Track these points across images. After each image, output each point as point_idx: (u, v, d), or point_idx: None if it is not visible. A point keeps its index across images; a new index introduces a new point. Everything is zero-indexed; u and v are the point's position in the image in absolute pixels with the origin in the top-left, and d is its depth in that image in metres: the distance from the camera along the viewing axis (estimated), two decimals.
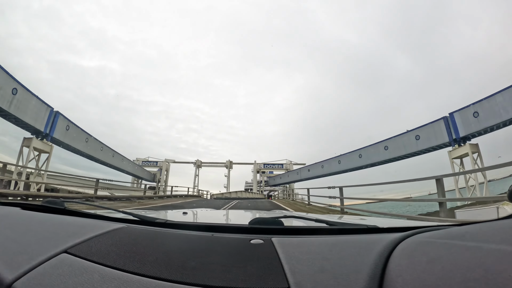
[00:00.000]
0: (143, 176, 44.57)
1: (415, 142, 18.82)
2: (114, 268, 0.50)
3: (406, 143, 19.53)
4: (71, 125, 18.85)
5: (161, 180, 45.77)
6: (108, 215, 0.95)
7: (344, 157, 27.75)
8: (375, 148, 22.49)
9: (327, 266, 0.47)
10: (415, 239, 0.53)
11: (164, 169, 47.01)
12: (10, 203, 1.05)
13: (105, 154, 28.73)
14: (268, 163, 45.55)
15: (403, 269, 0.42)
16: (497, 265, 0.33)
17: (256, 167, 45.17)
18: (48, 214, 0.90)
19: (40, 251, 0.56)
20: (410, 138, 19.19)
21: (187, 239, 0.66)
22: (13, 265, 0.50)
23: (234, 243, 0.62)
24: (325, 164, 31.46)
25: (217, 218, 1.41)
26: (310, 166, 34.86)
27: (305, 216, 1.06)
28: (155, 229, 0.76)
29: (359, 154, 24.71)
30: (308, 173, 34.99)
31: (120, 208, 1.25)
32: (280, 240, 0.60)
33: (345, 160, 27.53)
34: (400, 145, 19.96)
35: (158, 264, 0.51)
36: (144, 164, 48.08)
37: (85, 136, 21.77)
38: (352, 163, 26.00)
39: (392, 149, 20.64)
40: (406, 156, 20.17)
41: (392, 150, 20.65)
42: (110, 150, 29.56)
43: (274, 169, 45.39)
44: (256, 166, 45.28)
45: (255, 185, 44.57)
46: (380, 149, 21.81)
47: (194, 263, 0.51)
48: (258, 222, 0.77)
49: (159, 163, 48.11)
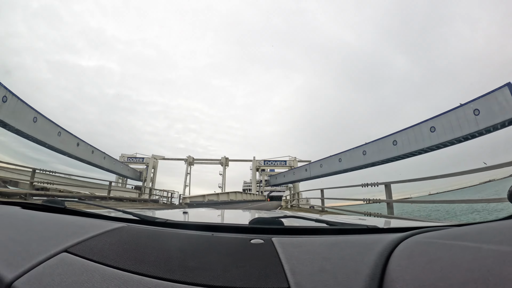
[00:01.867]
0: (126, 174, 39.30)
1: (474, 119, 14.01)
2: (115, 267, 0.50)
3: (461, 120, 14.68)
4: (39, 117, 17.60)
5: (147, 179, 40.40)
6: (108, 215, 0.94)
7: (373, 145, 21.52)
8: (419, 129, 16.98)
9: (327, 266, 0.47)
10: (415, 240, 0.53)
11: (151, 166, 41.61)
12: (11, 202, 1.04)
13: (82, 150, 25.86)
14: (269, 159, 40.50)
15: (403, 269, 0.42)
16: (497, 265, 0.33)
17: (255, 164, 40.00)
18: (48, 214, 0.90)
19: (40, 250, 0.56)
20: (467, 113, 14.42)
21: (187, 238, 0.66)
22: (13, 264, 0.50)
23: (234, 242, 0.62)
24: (345, 156, 25.50)
25: (217, 218, 1.42)
26: (323, 161, 29.44)
27: (305, 216, 1.06)
28: (155, 228, 0.76)
29: (393, 140, 19.03)
30: (321, 169, 29.41)
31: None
32: (280, 240, 0.61)
33: (374, 149, 21.18)
34: (455, 124, 14.98)
35: (158, 263, 0.51)
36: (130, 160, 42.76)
37: (57, 129, 20.44)
38: (386, 152, 19.75)
39: (442, 131, 15.67)
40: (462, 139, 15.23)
41: (441, 132, 15.71)
42: (89, 146, 26.61)
43: (276, 167, 40.26)
44: (255, 163, 40.11)
45: (254, 185, 39.35)
46: (424, 130, 16.68)
47: (194, 263, 0.51)
48: (258, 222, 0.77)
49: (146, 160, 42.72)
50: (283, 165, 39.80)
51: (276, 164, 40.13)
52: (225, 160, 40.94)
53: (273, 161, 40.26)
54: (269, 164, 40.14)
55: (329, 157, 28.00)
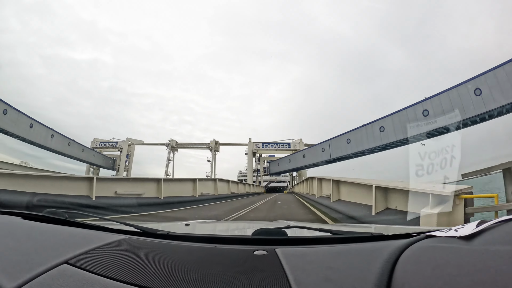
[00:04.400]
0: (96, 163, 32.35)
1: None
2: (116, 280, 0.49)
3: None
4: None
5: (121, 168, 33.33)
6: (110, 227, 0.93)
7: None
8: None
9: (332, 275, 0.47)
10: (421, 245, 0.52)
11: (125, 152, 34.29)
12: (11, 213, 1.01)
13: (37, 133, 21.84)
14: (268, 142, 32.69)
15: (409, 276, 0.42)
16: (504, 266, 0.32)
17: (252, 148, 32.32)
18: (49, 225, 0.89)
19: (41, 261, 0.55)
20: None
21: (189, 251, 0.66)
22: (13, 274, 0.50)
23: (237, 254, 0.62)
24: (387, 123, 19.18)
25: (219, 229, 1.44)
26: (350, 134, 22.19)
27: (308, 225, 1.03)
28: (156, 240, 0.76)
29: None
30: (348, 146, 22.11)
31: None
32: (284, 251, 0.60)
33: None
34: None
35: (159, 276, 0.51)
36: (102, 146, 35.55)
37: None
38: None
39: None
40: None
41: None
42: (48, 130, 22.76)
43: (277, 151, 32.57)
44: (251, 146, 32.40)
45: (250, 173, 31.91)
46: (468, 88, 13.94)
47: (196, 275, 0.50)
48: (261, 233, 0.75)
49: (120, 145, 35.34)
50: (286, 149, 31.98)
51: (278, 147, 32.34)
52: (214, 144, 33.26)
53: (274, 143, 32.45)
54: (269, 147, 32.36)
55: (356, 129, 21.32)
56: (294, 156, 29.14)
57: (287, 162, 29.80)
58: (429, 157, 2.21)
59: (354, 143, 21.55)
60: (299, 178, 31.54)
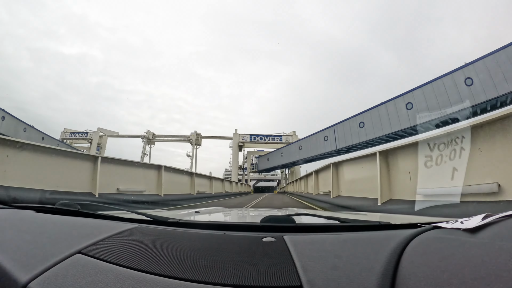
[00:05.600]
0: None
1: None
2: (128, 267, 0.50)
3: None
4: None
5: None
6: (121, 216, 0.95)
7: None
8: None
9: (339, 263, 0.48)
10: (428, 236, 0.53)
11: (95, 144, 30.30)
12: (25, 207, 1.03)
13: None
14: (257, 134, 28.26)
15: (415, 266, 0.42)
16: (510, 262, 0.33)
17: (237, 140, 27.91)
18: (61, 216, 0.91)
19: (54, 252, 0.57)
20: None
21: (199, 238, 0.67)
22: (28, 266, 0.52)
23: (246, 241, 0.63)
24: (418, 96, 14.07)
25: (229, 217, 1.40)
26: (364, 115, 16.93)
27: (316, 213, 1.07)
28: (167, 228, 0.77)
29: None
30: (361, 131, 16.92)
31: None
32: (292, 238, 0.61)
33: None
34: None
35: (171, 263, 0.52)
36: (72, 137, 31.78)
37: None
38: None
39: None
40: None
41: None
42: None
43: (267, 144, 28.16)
44: (237, 138, 28.01)
45: (235, 169, 27.40)
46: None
47: (207, 262, 0.52)
48: (270, 220, 0.77)
49: (90, 135, 31.48)
50: (278, 142, 27.54)
51: (268, 140, 27.90)
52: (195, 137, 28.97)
53: (263, 136, 27.99)
54: (257, 140, 27.90)
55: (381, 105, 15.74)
56: (287, 149, 24.28)
57: (279, 156, 25.02)
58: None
59: (371, 127, 16.10)
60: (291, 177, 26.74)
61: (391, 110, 14.90)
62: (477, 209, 2.24)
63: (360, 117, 16.91)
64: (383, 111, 15.34)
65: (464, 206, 2.35)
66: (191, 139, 28.90)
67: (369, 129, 16.20)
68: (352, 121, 17.47)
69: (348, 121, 17.79)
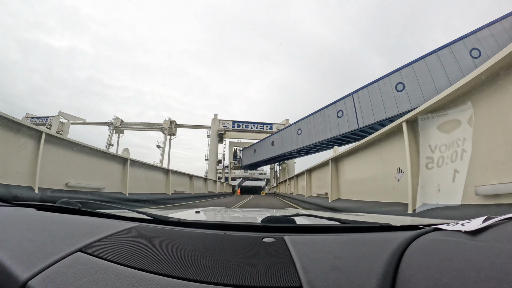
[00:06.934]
0: None
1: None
2: (128, 266, 0.51)
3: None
4: None
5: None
6: (122, 215, 0.95)
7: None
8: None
9: (340, 264, 0.48)
10: (429, 238, 0.53)
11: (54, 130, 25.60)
12: (26, 205, 1.05)
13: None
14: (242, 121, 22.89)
15: (416, 268, 0.42)
16: (510, 265, 0.33)
17: (217, 128, 22.58)
18: (62, 215, 0.91)
19: (55, 250, 0.57)
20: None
21: (200, 237, 0.67)
22: (28, 263, 0.52)
23: (247, 241, 0.63)
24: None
25: (229, 217, 1.42)
26: (402, 72, 10.62)
27: (317, 214, 1.05)
28: (168, 228, 0.77)
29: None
30: (400, 95, 10.20)
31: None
32: (292, 239, 0.61)
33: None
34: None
35: (171, 262, 0.52)
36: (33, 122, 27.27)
37: None
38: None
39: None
40: None
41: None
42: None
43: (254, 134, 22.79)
44: (216, 124, 22.71)
45: (213, 163, 22.10)
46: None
47: (207, 261, 0.52)
48: (271, 221, 0.78)
49: (50, 121, 27.05)
50: (267, 130, 22.02)
51: (256, 128, 22.45)
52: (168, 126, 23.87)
53: (249, 123, 22.57)
54: (242, 128, 22.51)
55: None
56: (280, 135, 18.08)
57: (269, 146, 19.01)
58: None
59: (411, 89, 10.34)
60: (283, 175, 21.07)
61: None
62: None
63: (394, 75, 10.60)
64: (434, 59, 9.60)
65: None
66: (163, 128, 23.96)
67: (411, 91, 10.10)
68: (382, 83, 11.17)
69: (375, 83, 11.44)
